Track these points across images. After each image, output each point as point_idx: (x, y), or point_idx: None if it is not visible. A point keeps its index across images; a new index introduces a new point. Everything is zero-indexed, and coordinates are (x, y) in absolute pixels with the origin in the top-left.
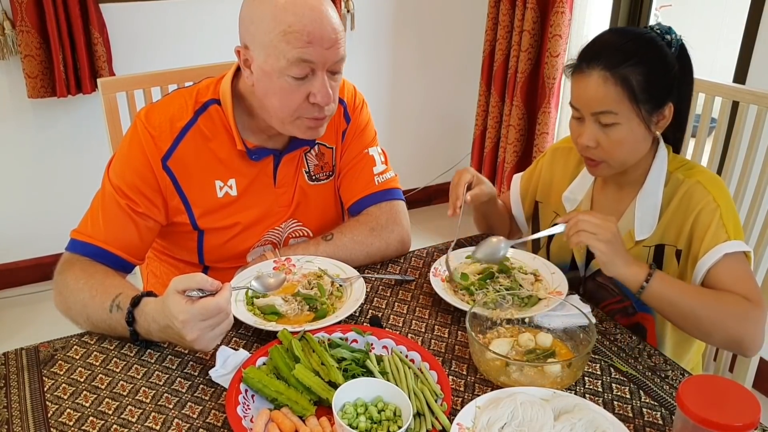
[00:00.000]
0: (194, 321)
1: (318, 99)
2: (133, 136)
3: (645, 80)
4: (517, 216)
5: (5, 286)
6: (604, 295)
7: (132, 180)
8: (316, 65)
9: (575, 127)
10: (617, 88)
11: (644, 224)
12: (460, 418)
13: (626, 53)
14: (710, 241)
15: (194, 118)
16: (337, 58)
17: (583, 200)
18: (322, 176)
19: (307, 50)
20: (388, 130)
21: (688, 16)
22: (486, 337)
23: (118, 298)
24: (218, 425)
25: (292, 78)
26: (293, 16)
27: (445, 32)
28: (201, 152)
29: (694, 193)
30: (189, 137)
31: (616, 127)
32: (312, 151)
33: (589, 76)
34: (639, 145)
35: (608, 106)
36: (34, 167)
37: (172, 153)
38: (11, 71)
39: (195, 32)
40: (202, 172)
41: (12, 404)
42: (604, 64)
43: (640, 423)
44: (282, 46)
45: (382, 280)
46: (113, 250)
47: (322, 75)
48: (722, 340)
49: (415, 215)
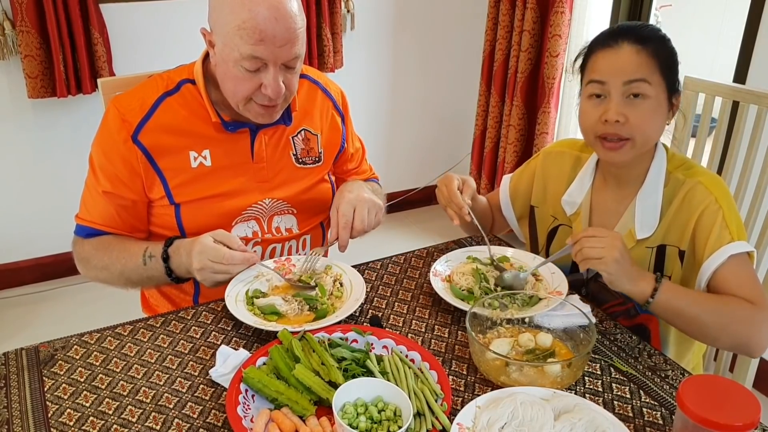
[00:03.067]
0: (205, 255)
1: (268, 92)
2: (103, 122)
3: (669, 58)
4: (507, 216)
5: (5, 286)
6: (607, 297)
7: (106, 165)
8: (268, 61)
9: (593, 107)
10: (650, 59)
11: (645, 223)
12: (460, 418)
13: (651, 34)
14: (715, 243)
15: (165, 95)
16: (290, 56)
17: (583, 202)
18: (309, 161)
19: (258, 48)
20: (388, 130)
21: (688, 16)
22: (486, 337)
23: (147, 250)
24: (218, 425)
25: (245, 69)
26: (248, 12)
27: (445, 32)
28: (173, 124)
29: (696, 193)
30: (160, 111)
31: (645, 100)
32: (299, 136)
33: (620, 48)
34: (661, 124)
35: (643, 73)
36: (34, 167)
37: (142, 127)
38: (11, 71)
39: (195, 32)
40: (175, 144)
41: (12, 404)
42: (635, 39)
43: (640, 423)
44: (236, 40)
45: (382, 279)
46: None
47: (275, 69)
48: (729, 344)
49: (415, 215)
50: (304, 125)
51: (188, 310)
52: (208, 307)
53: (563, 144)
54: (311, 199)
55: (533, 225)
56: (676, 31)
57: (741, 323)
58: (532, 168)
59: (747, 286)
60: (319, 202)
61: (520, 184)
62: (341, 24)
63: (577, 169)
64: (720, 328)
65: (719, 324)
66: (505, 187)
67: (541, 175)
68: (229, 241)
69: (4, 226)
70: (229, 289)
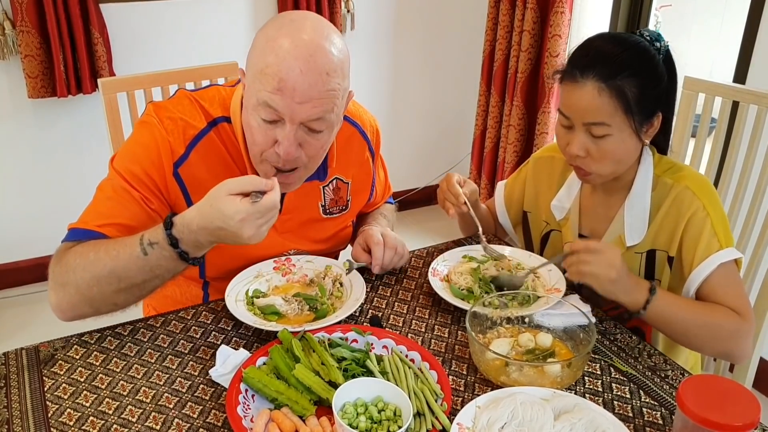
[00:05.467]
0: (252, 219)
1: (280, 150)
2: (147, 133)
3: (639, 92)
4: (503, 223)
5: (5, 286)
6: (600, 302)
7: (142, 177)
8: (284, 115)
9: (563, 135)
10: (612, 101)
11: (634, 229)
12: (460, 417)
13: (621, 64)
14: (704, 252)
15: (206, 130)
16: (310, 117)
17: (572, 207)
18: (336, 210)
19: (275, 97)
20: (388, 131)
21: (688, 16)
22: (486, 337)
23: (143, 239)
24: (218, 425)
25: (261, 119)
26: (275, 57)
27: (445, 32)
28: (213, 165)
29: (684, 199)
30: (201, 147)
31: (607, 138)
32: (330, 185)
33: (583, 86)
34: (629, 154)
35: (602, 117)
36: (34, 167)
37: (184, 160)
38: (11, 71)
39: (195, 32)
40: (211, 183)
41: (12, 404)
42: (600, 75)
43: (640, 423)
44: (257, 84)
45: (383, 279)
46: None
47: (291, 127)
48: (713, 352)
49: (414, 215)
50: (336, 174)
51: (188, 310)
52: (208, 307)
53: (552, 148)
54: (332, 246)
55: (527, 230)
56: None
57: (727, 335)
58: (524, 174)
59: (733, 295)
60: (338, 243)
61: (514, 191)
62: (341, 24)
63: (566, 174)
64: (707, 339)
65: (706, 335)
66: (499, 194)
67: (532, 181)
68: (254, 186)
69: (4, 226)
70: (229, 289)
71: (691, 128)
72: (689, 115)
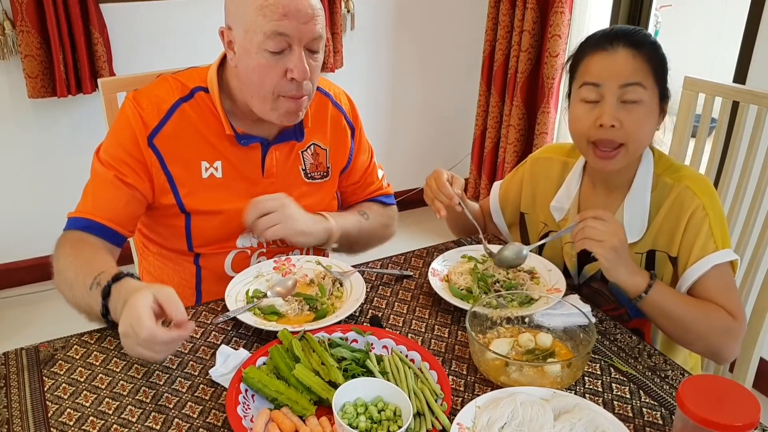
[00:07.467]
0: (154, 343)
1: (295, 74)
2: (122, 115)
3: (661, 65)
4: (498, 223)
5: (5, 286)
6: (600, 302)
7: (119, 154)
8: (292, 39)
9: (587, 113)
10: (645, 64)
11: (633, 228)
12: (460, 418)
13: (645, 38)
14: (699, 252)
15: (180, 101)
16: (313, 35)
17: (571, 208)
18: (317, 175)
19: (282, 23)
20: (388, 131)
21: (688, 16)
22: (486, 337)
23: (99, 276)
24: (218, 425)
25: (270, 53)
26: None
27: (445, 32)
28: (187, 132)
29: (684, 199)
30: (176, 117)
31: (638, 105)
32: (308, 150)
33: (615, 52)
34: (653, 129)
35: (639, 77)
36: (34, 167)
37: (158, 131)
38: (11, 71)
39: (195, 32)
40: (188, 152)
41: (12, 404)
42: (630, 43)
43: (640, 423)
44: (259, 20)
45: (382, 279)
46: (99, 220)
47: (299, 50)
48: (702, 350)
49: (414, 215)
50: (314, 140)
51: (188, 310)
52: (208, 307)
53: (550, 150)
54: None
55: (524, 232)
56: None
57: (718, 334)
58: (521, 175)
59: (726, 296)
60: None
61: (510, 192)
62: (341, 24)
63: (564, 175)
64: (698, 335)
65: (699, 331)
66: (494, 194)
67: (530, 182)
68: (169, 307)
69: (4, 226)
70: (229, 289)
71: (691, 128)
72: (689, 115)
